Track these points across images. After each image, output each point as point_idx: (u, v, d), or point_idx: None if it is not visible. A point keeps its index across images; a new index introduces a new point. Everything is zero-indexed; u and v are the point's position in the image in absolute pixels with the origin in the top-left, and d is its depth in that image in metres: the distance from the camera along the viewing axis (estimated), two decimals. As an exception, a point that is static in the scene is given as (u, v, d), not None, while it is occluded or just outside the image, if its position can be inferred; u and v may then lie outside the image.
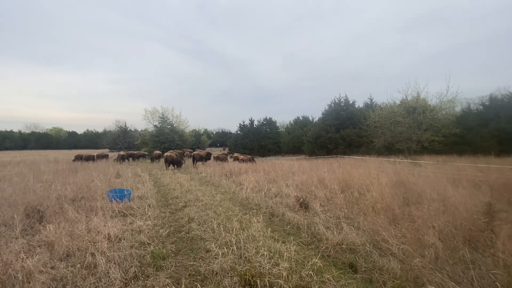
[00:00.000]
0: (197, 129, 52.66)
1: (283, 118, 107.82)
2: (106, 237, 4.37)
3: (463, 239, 3.90)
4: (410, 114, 20.84)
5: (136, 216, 5.87)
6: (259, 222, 5.01)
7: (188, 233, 4.86)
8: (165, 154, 17.66)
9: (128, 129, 56.08)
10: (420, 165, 12.78)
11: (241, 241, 4.17)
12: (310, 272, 3.23)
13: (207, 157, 20.48)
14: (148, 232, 4.87)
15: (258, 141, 43.36)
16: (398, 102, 23.88)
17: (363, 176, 8.43)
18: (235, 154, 25.34)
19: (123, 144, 51.43)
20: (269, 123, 47.29)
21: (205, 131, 75.54)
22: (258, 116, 73.28)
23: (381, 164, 13.16)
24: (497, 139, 21.52)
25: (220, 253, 3.71)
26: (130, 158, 24.64)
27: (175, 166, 17.45)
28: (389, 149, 24.01)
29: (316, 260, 3.49)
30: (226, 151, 42.27)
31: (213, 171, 13.36)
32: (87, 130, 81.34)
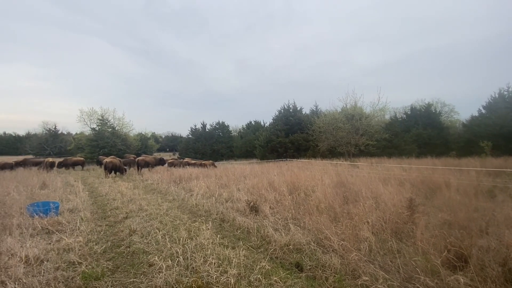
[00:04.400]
0: (143, 133, 49.21)
1: (236, 122, 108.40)
2: (22, 260, 3.69)
3: (391, 231, 4.42)
4: (349, 120, 23.12)
5: (65, 233, 5.13)
6: (208, 229, 4.87)
7: (129, 247, 4.43)
8: (105, 160, 15.96)
9: (59, 132, 49.09)
10: (358, 166, 14.20)
11: (189, 251, 3.97)
12: (259, 276, 3.25)
13: (158, 162, 19.17)
14: (79, 250, 4.28)
15: (211, 146, 42.56)
16: (339, 109, 26.27)
17: (309, 178, 8.95)
18: (186, 159, 24.36)
19: (52, 149, 44.72)
20: (221, 127, 46.91)
21: (153, 135, 71.10)
22: (210, 120, 72.27)
23: (325, 166, 14.20)
24: (416, 143, 25.37)
25: (164, 266, 3.46)
26: (65, 166, 21.50)
27: (117, 173, 15.92)
28: (332, 152, 26.14)
29: (265, 263, 3.53)
30: (176, 156, 40.38)
31: (160, 178, 12.58)
32: (4, 133, 67.90)
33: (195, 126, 45.07)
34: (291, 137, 30.20)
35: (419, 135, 25.71)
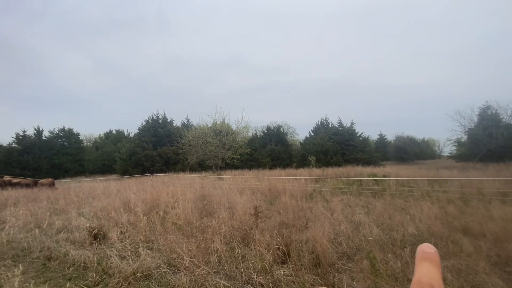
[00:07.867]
0: None
1: (91, 130, 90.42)
2: None
3: (240, 238, 4.91)
4: (217, 135, 24.60)
5: None
6: (19, 275, 3.58)
7: None
8: None
9: None
10: (223, 179, 15.18)
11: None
12: (88, 321, 2.68)
13: None
14: None
15: (50, 159, 33.05)
16: (209, 124, 27.43)
17: (172, 193, 8.62)
18: (6, 177, 17.79)
19: None
20: (68, 135, 37.73)
21: None
22: (51, 125, 56.47)
23: (192, 180, 14.21)
24: (270, 157, 30.52)
25: None
26: None
27: None
28: (201, 166, 26.75)
29: (99, 303, 2.98)
30: (-17, 174, 28.31)
31: None
32: None
33: (24, 132, 33.67)
34: (159, 150, 28.39)
35: (272, 150, 31.19)
